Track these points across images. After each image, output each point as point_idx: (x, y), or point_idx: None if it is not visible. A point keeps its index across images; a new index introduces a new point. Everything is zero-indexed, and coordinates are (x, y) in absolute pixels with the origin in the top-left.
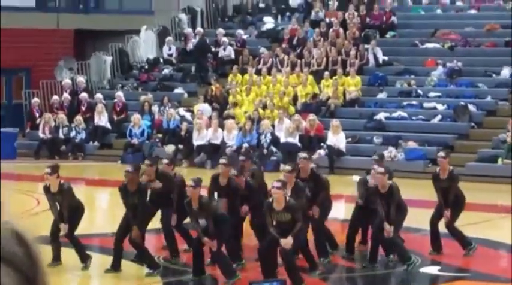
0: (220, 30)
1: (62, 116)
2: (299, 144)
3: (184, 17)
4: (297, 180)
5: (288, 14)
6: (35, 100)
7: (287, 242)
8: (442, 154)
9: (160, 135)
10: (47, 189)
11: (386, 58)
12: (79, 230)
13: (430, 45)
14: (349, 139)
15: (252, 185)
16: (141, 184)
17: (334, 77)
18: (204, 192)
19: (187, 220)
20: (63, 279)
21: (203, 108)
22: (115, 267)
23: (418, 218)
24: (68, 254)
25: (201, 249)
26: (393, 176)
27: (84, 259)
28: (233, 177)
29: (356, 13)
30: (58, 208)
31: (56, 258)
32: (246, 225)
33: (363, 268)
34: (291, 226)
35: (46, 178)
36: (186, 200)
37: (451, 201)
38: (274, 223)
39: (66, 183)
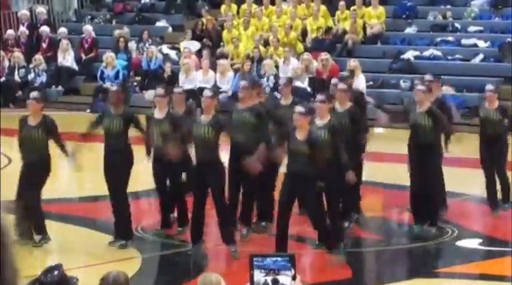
0: None
1: (18, 55)
2: (309, 89)
3: None
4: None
5: None
6: None
7: None
8: (490, 87)
9: (138, 78)
10: None
11: None
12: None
13: None
14: (371, 83)
15: None
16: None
17: (352, 7)
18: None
19: None
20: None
21: (191, 45)
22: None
23: (455, 180)
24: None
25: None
26: None
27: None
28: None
29: None
30: None
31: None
32: None
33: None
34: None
35: None
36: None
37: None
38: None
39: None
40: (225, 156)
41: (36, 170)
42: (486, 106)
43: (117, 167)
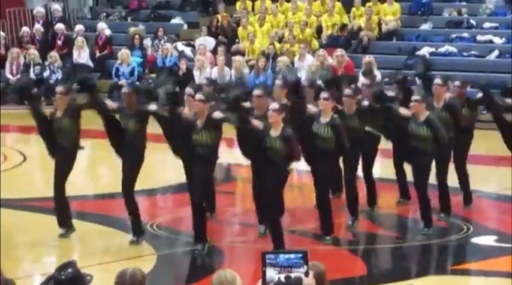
0: None
1: (33, 52)
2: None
3: None
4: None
5: None
6: (0, 33)
7: None
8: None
9: (153, 75)
10: None
11: None
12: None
13: None
14: (386, 80)
15: None
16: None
17: (367, 4)
18: None
19: None
20: (37, 251)
21: (206, 41)
22: None
23: (471, 177)
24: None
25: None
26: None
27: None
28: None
29: None
30: None
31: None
32: None
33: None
34: None
35: None
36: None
37: None
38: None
39: None
40: None
41: (63, 159)
42: None
43: (126, 165)
